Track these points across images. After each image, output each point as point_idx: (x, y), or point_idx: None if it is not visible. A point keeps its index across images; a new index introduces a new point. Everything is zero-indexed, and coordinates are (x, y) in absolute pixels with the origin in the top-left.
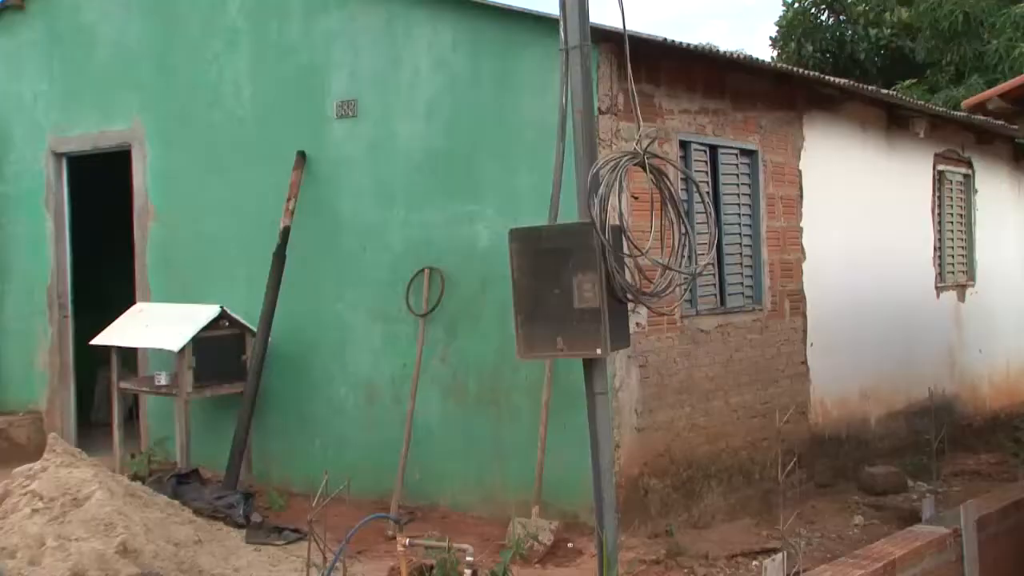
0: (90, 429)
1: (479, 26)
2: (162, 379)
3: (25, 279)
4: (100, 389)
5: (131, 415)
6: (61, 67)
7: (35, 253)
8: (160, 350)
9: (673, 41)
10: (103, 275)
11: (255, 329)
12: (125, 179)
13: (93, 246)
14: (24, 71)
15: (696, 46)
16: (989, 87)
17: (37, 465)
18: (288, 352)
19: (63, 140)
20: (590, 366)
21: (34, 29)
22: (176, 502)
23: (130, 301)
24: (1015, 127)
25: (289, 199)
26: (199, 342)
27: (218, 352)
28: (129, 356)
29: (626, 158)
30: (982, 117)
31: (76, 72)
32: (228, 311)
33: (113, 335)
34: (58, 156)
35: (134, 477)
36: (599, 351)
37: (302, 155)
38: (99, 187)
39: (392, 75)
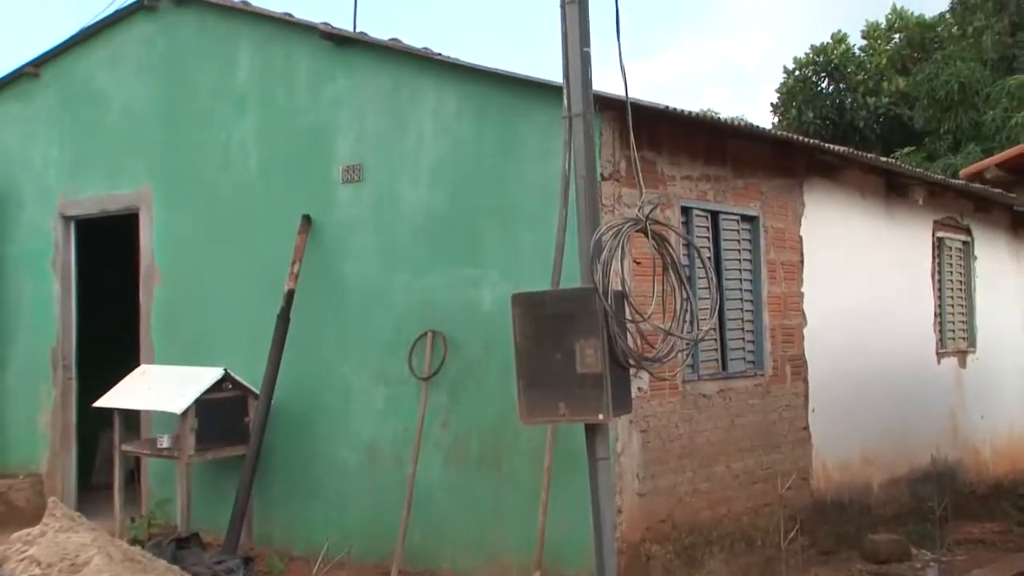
0: (91, 492)
1: (483, 92)
2: (164, 442)
3: (30, 340)
4: (102, 451)
5: (132, 477)
6: (72, 132)
7: (41, 314)
8: (163, 412)
9: (675, 109)
10: (107, 336)
11: (258, 391)
12: (132, 241)
13: (98, 307)
14: (36, 136)
15: (697, 114)
16: (986, 156)
17: (36, 530)
18: (291, 414)
19: (72, 203)
20: (592, 431)
21: (47, 96)
22: (176, 567)
23: (134, 362)
24: (1013, 195)
25: (294, 262)
26: (202, 404)
27: (221, 414)
28: (132, 418)
29: (628, 224)
30: (980, 185)
31: (86, 137)
32: (231, 373)
33: (116, 397)
34: (67, 219)
35: (133, 541)
36: (601, 416)
37: (307, 219)
38: (106, 249)
39: (397, 140)
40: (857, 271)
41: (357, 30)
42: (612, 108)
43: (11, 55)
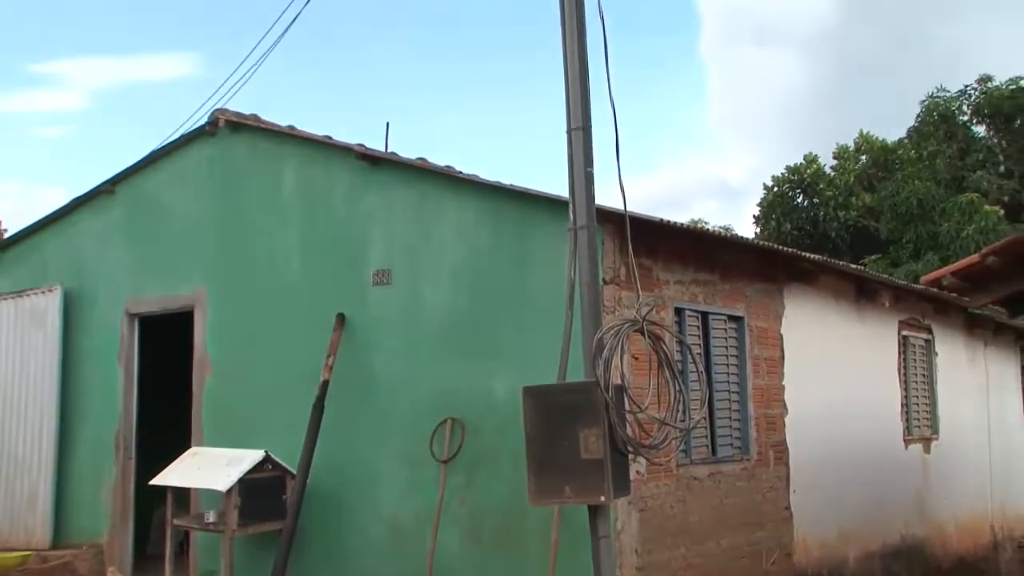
0: (146, 562)
1: (499, 206)
2: (210, 517)
3: (97, 423)
4: (156, 525)
5: (182, 549)
6: (139, 240)
7: (107, 400)
8: (210, 490)
9: (668, 221)
10: (164, 420)
11: (295, 472)
12: (187, 336)
13: (157, 394)
14: (109, 245)
15: (688, 225)
16: (943, 263)
17: None
18: (324, 492)
19: (137, 302)
20: (595, 511)
21: (120, 210)
22: None
23: (187, 444)
24: (967, 299)
25: (329, 356)
26: (244, 483)
27: (261, 493)
28: (183, 495)
29: (627, 325)
30: (939, 290)
31: (151, 244)
32: (271, 455)
33: (169, 476)
34: (131, 316)
35: None
36: (603, 498)
37: (342, 317)
38: (165, 343)
39: (422, 247)
40: (832, 366)
41: (388, 150)
42: (613, 220)
43: (92, 177)
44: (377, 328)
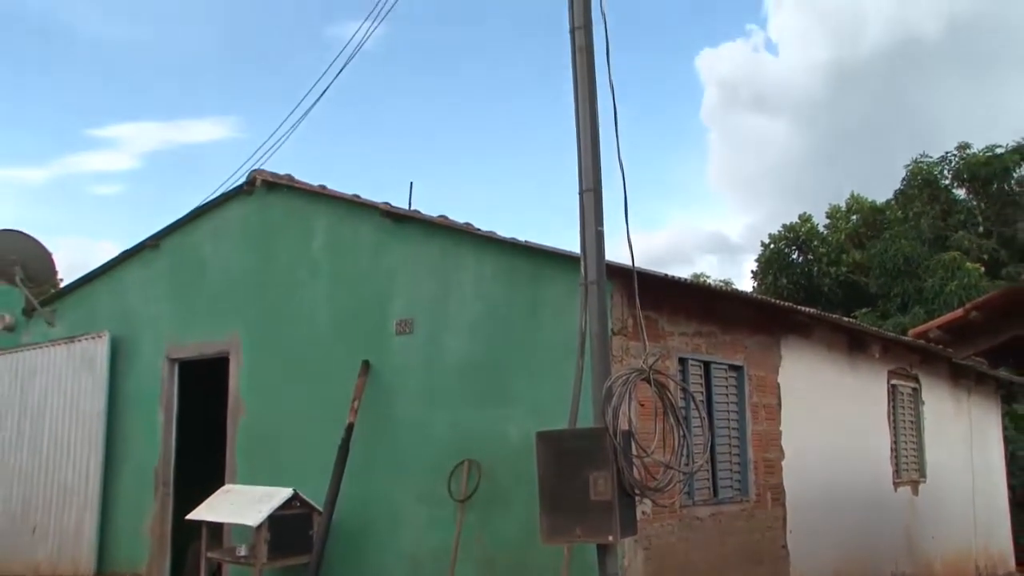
0: None
1: (514, 261)
2: (242, 550)
3: (138, 460)
4: (191, 557)
5: None
6: (180, 291)
7: (148, 439)
8: (241, 525)
9: (674, 277)
10: (200, 457)
11: (321, 508)
12: (223, 379)
13: (194, 433)
14: (153, 295)
15: (692, 281)
16: (928, 316)
17: None
18: (348, 528)
19: (177, 348)
20: (603, 550)
21: (163, 262)
22: None
23: (221, 480)
24: (951, 351)
25: (354, 400)
26: (274, 519)
27: (290, 528)
28: (216, 529)
29: (634, 374)
30: (925, 342)
31: (191, 295)
32: (299, 493)
33: (203, 511)
34: (172, 361)
35: None
36: (611, 538)
37: (367, 364)
38: (202, 386)
39: (442, 299)
40: (826, 413)
41: (412, 208)
42: (621, 275)
43: (141, 232)
44: (400, 375)
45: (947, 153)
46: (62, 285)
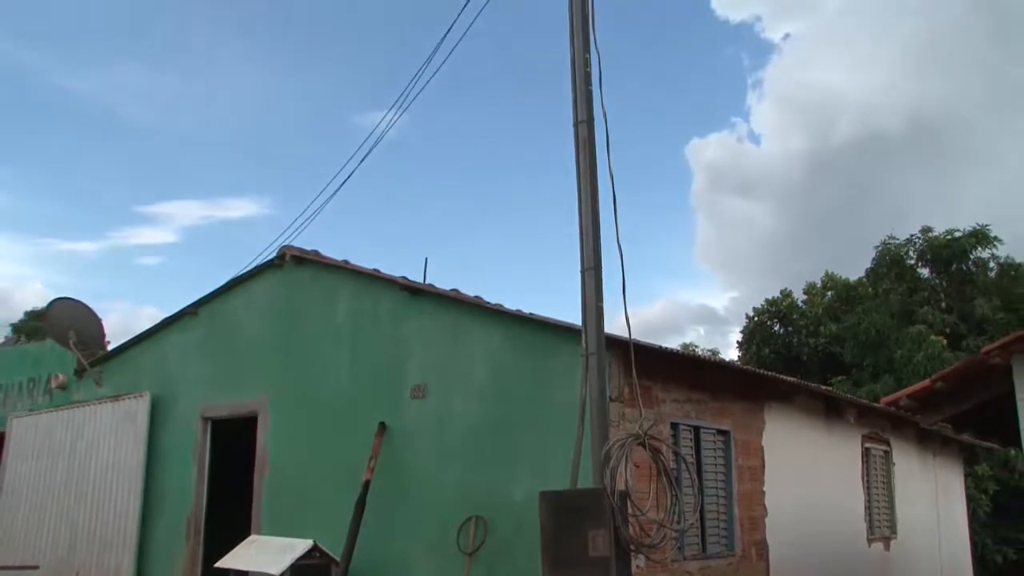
0: None
1: (520, 332)
2: None
3: (173, 510)
4: None
5: None
6: (214, 355)
7: (182, 491)
8: (265, 574)
9: (666, 348)
10: (229, 508)
11: (339, 559)
12: (251, 437)
13: (224, 486)
14: (191, 357)
15: (683, 352)
16: (898, 384)
17: None
18: None
19: (210, 407)
20: None
21: (200, 329)
22: None
23: (247, 530)
24: (919, 417)
25: (371, 458)
26: (295, 569)
27: None
28: None
29: (630, 439)
30: (895, 409)
31: (224, 359)
32: (319, 544)
33: (230, 560)
34: (205, 420)
35: None
36: None
37: (383, 425)
38: (232, 442)
39: (453, 366)
40: (805, 473)
41: (427, 282)
42: (618, 346)
43: (181, 298)
44: (413, 436)
45: (912, 236)
46: (110, 348)
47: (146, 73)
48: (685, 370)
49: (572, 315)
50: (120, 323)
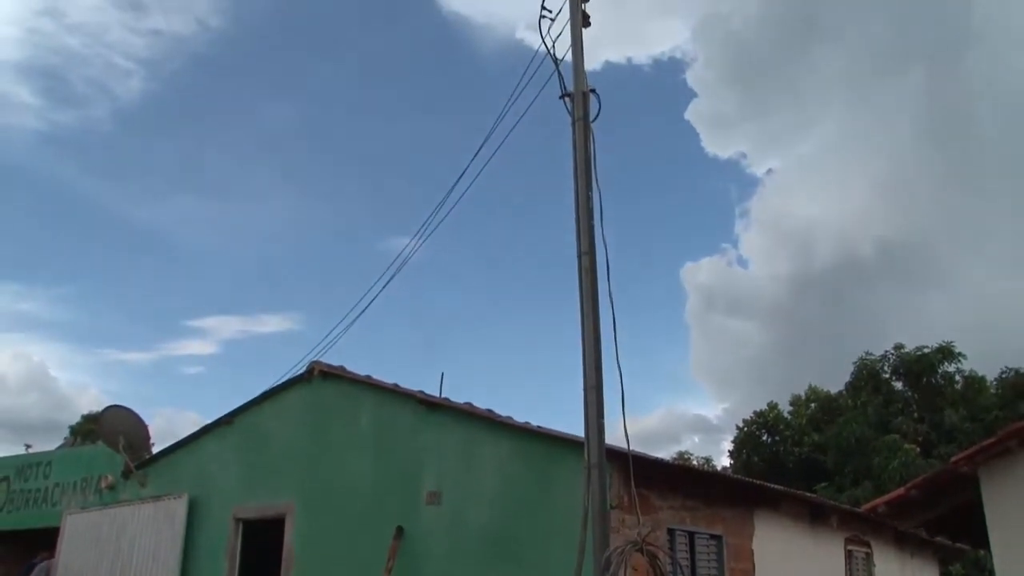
0: None
1: (528, 443)
2: None
3: None
4: None
5: None
6: (246, 461)
7: None
8: None
9: (663, 460)
10: None
11: None
12: (279, 537)
13: None
14: (225, 462)
15: (678, 463)
16: (876, 489)
17: None
18: None
19: (242, 509)
20: None
21: (234, 437)
22: None
23: None
24: (896, 522)
25: (389, 559)
26: None
27: None
28: None
29: (629, 545)
30: (875, 515)
31: (256, 465)
32: None
33: None
34: (237, 520)
35: None
36: None
37: (400, 529)
38: (261, 541)
39: (466, 474)
40: (794, 575)
41: (442, 396)
42: (619, 458)
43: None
44: (428, 539)
45: (886, 351)
46: (154, 450)
47: (195, 202)
48: (680, 479)
49: (575, 420)
50: (165, 427)
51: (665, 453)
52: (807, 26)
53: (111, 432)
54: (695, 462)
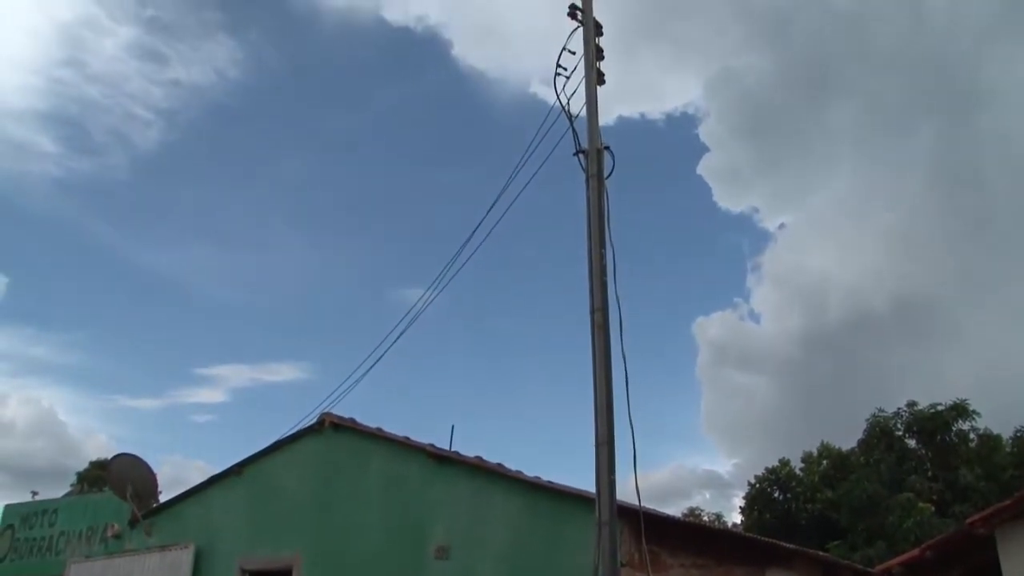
0: None
1: (538, 498)
2: None
3: None
4: None
5: None
6: (254, 512)
7: None
8: None
9: (674, 517)
10: None
11: None
12: None
13: None
14: (233, 513)
15: (690, 520)
16: (890, 548)
17: None
18: None
19: (247, 560)
20: None
21: (243, 487)
22: None
23: None
24: None
25: None
26: None
27: None
28: None
29: None
30: (889, 575)
31: (264, 515)
32: None
33: None
34: (243, 572)
35: None
36: None
37: None
38: None
39: (475, 529)
40: None
41: (452, 449)
42: (630, 514)
43: (229, 453)
44: None
45: (899, 408)
46: (162, 498)
47: (209, 250)
48: (692, 536)
49: (586, 476)
50: (172, 474)
51: (675, 509)
52: (819, 83)
53: (119, 480)
54: (706, 518)
